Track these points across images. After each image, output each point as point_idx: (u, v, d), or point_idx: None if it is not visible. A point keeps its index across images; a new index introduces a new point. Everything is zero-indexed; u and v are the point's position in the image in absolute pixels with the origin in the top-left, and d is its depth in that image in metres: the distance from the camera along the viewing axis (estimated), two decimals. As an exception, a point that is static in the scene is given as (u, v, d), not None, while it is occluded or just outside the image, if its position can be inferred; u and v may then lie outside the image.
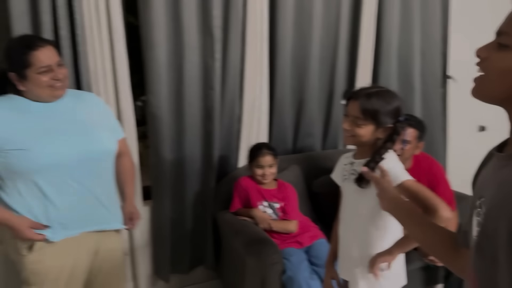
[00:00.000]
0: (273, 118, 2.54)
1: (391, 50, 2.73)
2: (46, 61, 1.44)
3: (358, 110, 1.36)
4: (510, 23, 0.66)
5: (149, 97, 2.15)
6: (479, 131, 3.40)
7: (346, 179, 1.48)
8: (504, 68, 0.66)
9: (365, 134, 1.37)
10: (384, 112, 1.35)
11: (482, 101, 0.71)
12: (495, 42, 0.68)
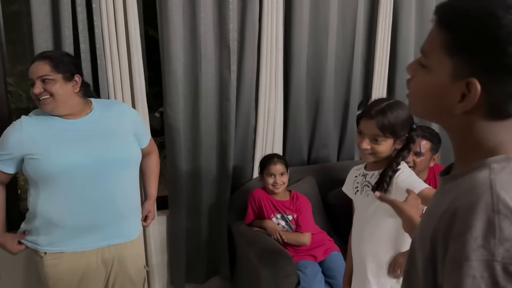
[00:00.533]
0: (288, 129, 2.55)
1: (407, 62, 2.71)
2: (30, 75, 1.53)
3: (376, 128, 1.36)
4: (428, 43, 0.65)
5: (166, 108, 2.19)
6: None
7: (358, 191, 1.47)
8: (422, 90, 0.66)
9: (386, 150, 1.38)
10: (400, 124, 1.37)
11: (419, 117, 0.71)
12: (419, 61, 0.68)
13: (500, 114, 0.63)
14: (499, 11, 0.58)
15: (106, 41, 2.00)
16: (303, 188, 2.40)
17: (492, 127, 0.64)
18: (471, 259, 0.53)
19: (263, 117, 2.42)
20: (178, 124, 2.19)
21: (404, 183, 1.33)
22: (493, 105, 0.62)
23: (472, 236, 0.54)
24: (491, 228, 0.54)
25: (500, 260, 0.52)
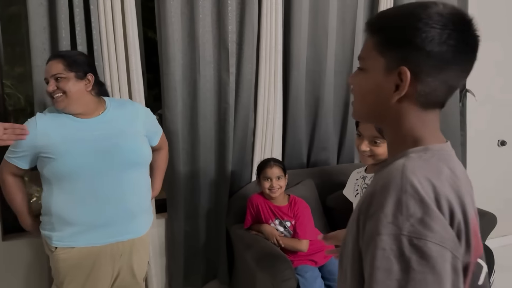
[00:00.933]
0: (287, 131, 2.53)
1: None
2: (45, 73, 1.60)
3: (375, 130, 1.36)
4: (364, 49, 0.74)
5: (164, 110, 2.17)
6: (500, 146, 3.32)
7: (358, 194, 1.46)
8: (363, 90, 0.74)
9: (385, 152, 1.37)
10: None
11: (361, 121, 0.79)
12: (358, 68, 0.76)
13: (429, 102, 0.71)
14: (417, 10, 0.68)
15: (104, 43, 1.99)
16: (302, 191, 2.38)
17: (421, 116, 0.72)
18: (382, 233, 0.59)
19: (262, 119, 2.40)
20: (176, 126, 2.18)
21: None
22: (423, 93, 0.69)
23: (384, 214, 0.61)
24: (399, 206, 0.60)
25: (406, 234, 0.58)
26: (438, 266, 0.57)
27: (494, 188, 3.32)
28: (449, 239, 0.60)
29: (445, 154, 0.70)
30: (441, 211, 0.61)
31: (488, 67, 3.15)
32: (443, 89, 0.70)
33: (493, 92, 3.19)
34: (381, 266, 0.58)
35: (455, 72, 0.69)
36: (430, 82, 0.68)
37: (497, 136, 3.31)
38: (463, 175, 0.71)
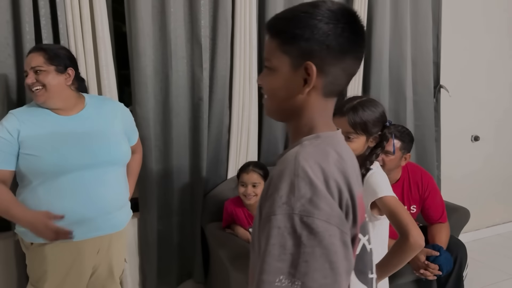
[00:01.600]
0: (263, 128, 2.50)
1: (382, 60, 2.70)
2: (25, 66, 1.56)
3: (348, 125, 1.35)
4: (268, 50, 0.79)
5: (135, 107, 2.11)
6: (473, 141, 3.37)
7: None
8: (273, 88, 0.79)
9: (358, 147, 1.37)
10: (372, 121, 1.36)
11: (274, 119, 0.85)
12: (265, 67, 0.81)
13: (332, 91, 0.78)
14: (310, 10, 0.75)
15: (71, 37, 1.91)
16: (278, 188, 2.36)
17: (322, 105, 0.79)
18: (277, 213, 0.66)
19: (237, 116, 2.37)
20: (148, 123, 2.12)
21: (373, 185, 1.32)
22: (328, 84, 0.76)
23: (279, 195, 0.67)
24: (292, 188, 0.67)
25: (298, 213, 0.65)
26: (325, 240, 0.64)
27: (468, 183, 3.38)
28: (335, 216, 0.66)
29: (333, 140, 0.77)
30: (330, 191, 0.68)
31: (462, 63, 3.19)
32: (343, 78, 0.77)
33: (467, 88, 3.23)
34: (276, 243, 0.64)
35: (352, 60, 0.77)
36: (333, 72, 0.75)
37: (470, 132, 3.36)
38: (350, 158, 0.78)
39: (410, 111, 2.87)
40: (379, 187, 1.31)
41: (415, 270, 1.95)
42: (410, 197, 2.14)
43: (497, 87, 3.40)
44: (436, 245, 1.97)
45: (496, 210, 3.59)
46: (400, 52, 2.77)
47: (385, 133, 1.37)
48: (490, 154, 3.46)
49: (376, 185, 1.32)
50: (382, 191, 1.31)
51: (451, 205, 2.42)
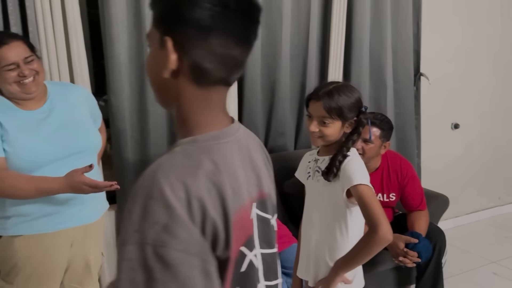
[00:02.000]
0: (243, 117, 2.47)
1: (362, 48, 2.69)
2: (11, 59, 1.42)
3: (323, 110, 1.34)
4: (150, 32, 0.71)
5: (110, 96, 2.05)
6: (453, 129, 3.40)
7: (310, 177, 1.44)
8: (148, 68, 0.71)
9: (334, 133, 1.36)
10: (348, 106, 1.34)
11: (160, 105, 0.75)
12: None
13: (204, 78, 0.67)
14: None
15: (40, 24, 1.84)
16: (259, 178, 2.34)
17: (199, 95, 0.68)
18: (128, 242, 0.56)
19: (216, 105, 2.32)
20: (123, 113, 2.06)
21: (349, 172, 1.31)
22: (195, 66, 0.66)
23: (131, 221, 0.57)
24: (145, 212, 0.56)
25: (150, 242, 0.55)
26: (182, 274, 0.55)
27: (448, 170, 3.41)
28: (195, 244, 0.57)
29: (212, 144, 0.66)
30: (191, 213, 0.58)
31: (442, 50, 3.19)
32: (214, 61, 0.66)
33: (447, 75, 3.25)
34: (125, 278, 0.55)
35: (221, 39, 0.65)
36: (197, 52, 0.65)
37: (450, 120, 3.38)
38: (231, 164, 0.67)
39: (391, 99, 2.87)
40: (354, 175, 1.30)
41: (394, 258, 1.95)
42: (389, 185, 2.14)
43: (477, 75, 3.42)
44: (415, 233, 1.98)
45: (476, 197, 3.64)
46: (380, 40, 2.76)
47: (360, 119, 1.36)
48: (470, 141, 3.49)
49: (351, 172, 1.30)
50: (356, 178, 1.29)
51: (430, 193, 2.43)
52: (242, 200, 0.66)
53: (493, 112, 3.58)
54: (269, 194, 0.77)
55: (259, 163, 0.75)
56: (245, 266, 0.66)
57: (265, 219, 0.74)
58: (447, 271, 2.60)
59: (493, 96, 3.55)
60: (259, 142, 0.82)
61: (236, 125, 0.74)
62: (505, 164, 3.78)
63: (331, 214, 1.36)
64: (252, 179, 0.72)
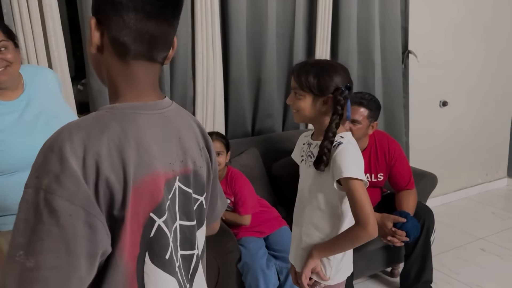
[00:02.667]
0: (229, 99, 2.42)
1: (350, 25, 2.63)
2: None
3: (294, 82, 1.32)
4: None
5: (89, 80, 1.98)
6: (441, 107, 3.39)
7: (303, 161, 1.40)
8: (87, 46, 0.77)
9: (305, 107, 1.30)
10: (319, 80, 1.27)
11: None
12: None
13: (123, 51, 0.72)
14: None
15: (14, 4, 1.76)
16: (246, 160, 2.31)
17: (123, 69, 0.73)
18: (28, 186, 0.63)
19: (201, 87, 2.27)
20: (104, 97, 2.00)
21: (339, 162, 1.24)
22: (114, 41, 0.72)
23: (34, 168, 0.65)
24: (44, 162, 0.64)
25: (44, 188, 0.62)
26: (63, 220, 0.61)
27: (436, 148, 3.41)
28: (81, 197, 0.63)
29: (128, 113, 0.71)
30: (84, 170, 0.64)
31: (430, 28, 3.15)
32: (129, 34, 0.71)
33: (435, 53, 3.21)
34: (22, 217, 0.62)
35: (133, 14, 0.71)
36: (114, 27, 0.71)
37: (439, 97, 3.36)
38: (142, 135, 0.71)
39: (379, 77, 2.83)
40: (345, 166, 1.23)
41: (382, 237, 1.95)
42: (377, 165, 2.13)
43: (466, 52, 3.39)
44: (403, 212, 1.97)
45: (464, 174, 3.66)
46: (368, 17, 2.70)
47: (336, 96, 1.26)
48: (458, 118, 3.49)
49: (342, 162, 1.23)
50: (347, 170, 1.23)
51: (418, 171, 2.43)
52: (152, 168, 0.71)
53: (480, 89, 3.57)
54: (195, 171, 0.81)
55: (187, 142, 0.80)
56: (154, 231, 0.72)
57: (187, 193, 0.80)
58: (436, 248, 2.62)
59: (480, 73, 3.53)
60: (196, 123, 0.87)
61: (166, 103, 0.79)
62: (492, 140, 3.80)
63: (323, 201, 1.32)
64: (175, 154, 0.77)
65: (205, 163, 0.85)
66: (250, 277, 1.78)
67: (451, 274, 2.50)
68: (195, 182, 0.82)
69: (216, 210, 0.98)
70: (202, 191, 0.85)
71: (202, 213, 0.86)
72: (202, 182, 0.84)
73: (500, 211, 3.42)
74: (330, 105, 1.29)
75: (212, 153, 0.89)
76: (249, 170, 2.22)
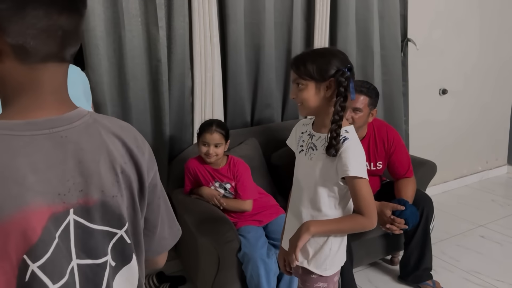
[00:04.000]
0: (228, 89, 2.41)
1: (348, 14, 2.61)
2: None
3: (294, 73, 1.30)
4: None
5: (88, 71, 1.98)
6: (441, 95, 3.38)
7: (303, 151, 1.38)
8: None
9: (309, 96, 1.27)
10: (318, 64, 1.25)
11: None
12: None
13: (29, 55, 0.61)
14: None
15: None
16: (246, 150, 2.31)
17: (25, 78, 0.62)
18: None
19: (200, 77, 2.26)
20: (102, 87, 2.00)
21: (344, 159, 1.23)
22: (16, 45, 0.60)
23: None
24: None
25: None
26: None
27: (436, 136, 3.41)
28: None
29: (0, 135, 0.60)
30: None
31: (429, 15, 3.13)
32: (37, 35, 0.60)
33: (435, 41, 3.19)
34: None
35: (40, 10, 0.60)
36: (15, 29, 0.59)
37: (438, 85, 3.35)
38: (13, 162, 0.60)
39: (378, 66, 2.82)
40: (351, 164, 1.23)
41: (381, 225, 1.95)
42: (376, 153, 2.13)
43: (465, 40, 3.37)
44: (402, 200, 1.98)
45: (464, 161, 3.66)
46: (367, 5, 2.68)
47: (337, 78, 1.24)
48: (458, 106, 3.48)
49: (347, 160, 1.23)
50: (353, 169, 1.22)
51: (418, 159, 2.43)
52: (23, 203, 0.59)
53: (478, 76, 3.55)
54: (103, 202, 0.68)
55: (92, 166, 0.66)
56: (28, 276, 0.61)
57: (88, 228, 0.67)
58: (436, 236, 2.63)
59: (477, 60, 3.51)
60: (120, 141, 0.72)
61: (68, 118, 0.66)
62: (492, 128, 3.79)
63: (323, 192, 1.31)
64: (71, 182, 0.64)
65: (126, 190, 0.71)
66: (251, 266, 1.79)
67: (451, 261, 2.51)
68: (104, 214, 0.68)
69: (160, 240, 0.83)
70: (120, 224, 0.71)
71: (126, 249, 0.72)
72: (118, 214, 0.70)
73: (500, 199, 3.43)
74: (333, 90, 1.26)
75: (150, 173, 0.76)
76: (248, 160, 2.22)
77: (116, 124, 0.73)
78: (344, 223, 1.30)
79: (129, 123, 0.77)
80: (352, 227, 1.29)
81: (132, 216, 0.73)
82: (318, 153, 1.32)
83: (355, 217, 1.27)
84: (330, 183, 1.29)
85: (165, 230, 0.84)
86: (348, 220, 1.30)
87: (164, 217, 0.83)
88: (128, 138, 0.73)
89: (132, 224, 0.74)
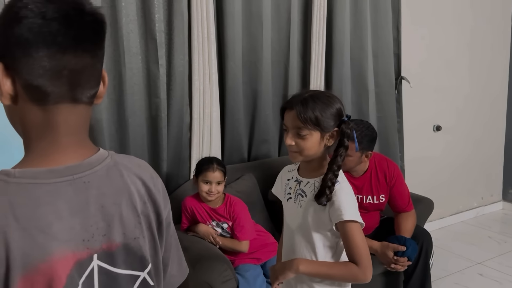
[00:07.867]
0: (225, 125, 2.43)
1: (343, 53, 2.69)
2: None
3: (297, 119, 1.21)
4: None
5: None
6: (435, 131, 3.43)
7: (291, 199, 1.33)
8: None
9: (312, 146, 1.22)
10: (325, 114, 1.21)
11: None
12: None
13: (41, 96, 0.62)
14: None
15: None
16: (243, 186, 2.30)
17: (41, 121, 0.63)
18: None
19: (198, 113, 2.28)
20: (101, 124, 2.00)
21: (337, 203, 1.20)
22: (28, 86, 0.61)
23: None
24: None
25: None
26: None
27: (431, 172, 3.43)
28: None
29: (24, 184, 0.59)
30: None
31: (422, 53, 3.22)
32: (45, 75, 0.61)
33: (428, 78, 3.27)
34: None
35: (45, 51, 0.60)
36: (26, 70, 0.60)
37: (432, 122, 3.41)
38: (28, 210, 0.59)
39: (372, 103, 2.87)
40: (344, 208, 1.19)
41: (386, 266, 1.95)
42: (378, 186, 2.13)
43: (457, 77, 3.46)
44: (401, 237, 1.97)
45: (459, 197, 3.67)
46: (361, 45, 2.76)
47: (343, 129, 1.22)
48: (452, 142, 3.52)
49: (340, 204, 1.20)
50: (347, 213, 1.19)
51: (415, 196, 2.43)
52: (48, 253, 0.58)
53: (472, 113, 3.62)
54: (125, 245, 0.67)
55: (113, 210, 0.66)
56: None
57: (112, 273, 0.66)
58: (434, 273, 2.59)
59: (471, 97, 3.59)
60: (141, 180, 0.72)
61: (89, 164, 0.66)
62: (486, 164, 3.82)
63: (318, 240, 1.27)
64: (94, 228, 0.64)
65: (147, 231, 0.71)
66: (249, 306, 1.75)
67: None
68: (126, 257, 0.68)
69: (169, 278, 0.81)
70: (143, 265, 0.70)
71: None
72: (140, 255, 0.70)
73: (497, 235, 3.41)
74: (335, 139, 1.25)
75: (165, 211, 0.76)
76: (245, 196, 2.22)
77: (135, 164, 0.74)
78: (336, 269, 1.25)
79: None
80: (344, 275, 1.23)
81: (153, 256, 0.73)
82: (307, 200, 1.27)
83: (349, 265, 1.21)
84: (324, 230, 1.26)
85: (174, 268, 0.82)
86: (341, 267, 1.24)
87: (175, 255, 0.82)
88: (146, 177, 0.73)
89: (154, 265, 0.73)
